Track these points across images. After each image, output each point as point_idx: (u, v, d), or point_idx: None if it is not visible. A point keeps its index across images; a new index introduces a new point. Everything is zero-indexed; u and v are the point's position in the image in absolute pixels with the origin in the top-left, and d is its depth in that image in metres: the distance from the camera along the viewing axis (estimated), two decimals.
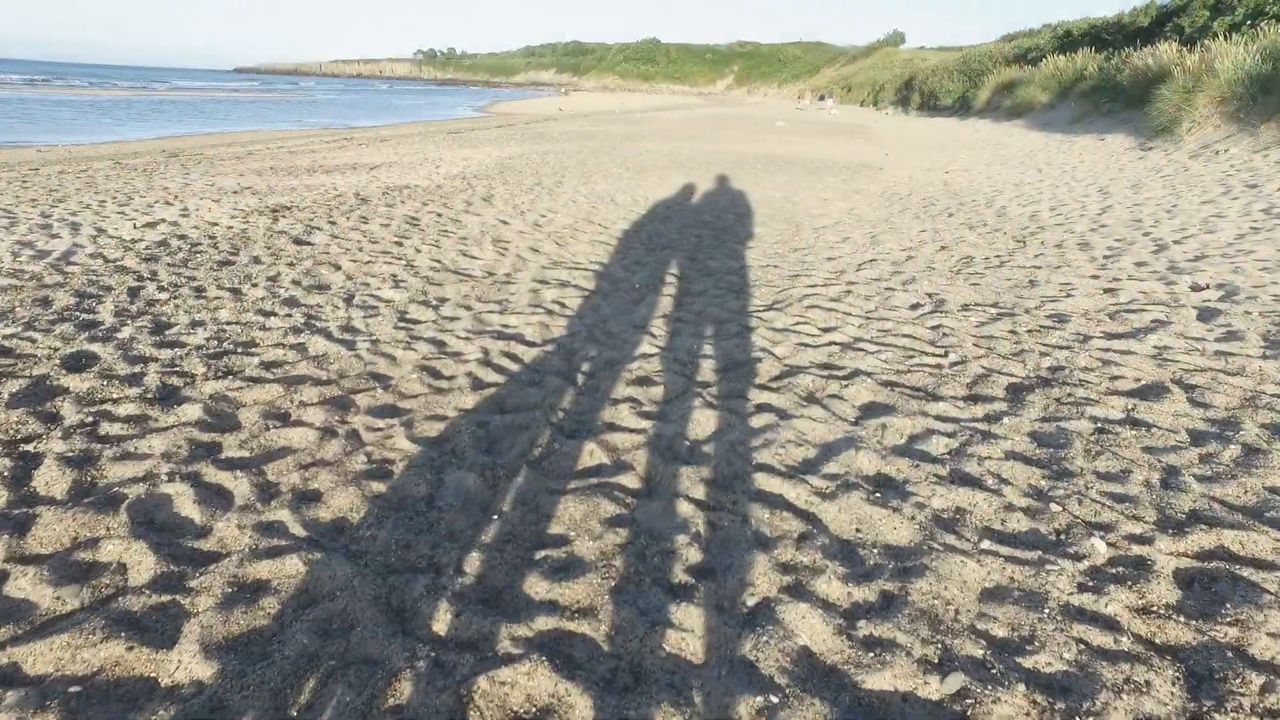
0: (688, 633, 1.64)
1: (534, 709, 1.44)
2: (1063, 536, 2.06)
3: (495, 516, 2.09)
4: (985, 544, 2.01)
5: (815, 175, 11.15)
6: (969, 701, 1.48)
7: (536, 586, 1.80)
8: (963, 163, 13.45)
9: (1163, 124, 14.02)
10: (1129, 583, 1.85)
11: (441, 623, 1.66)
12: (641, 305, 4.12)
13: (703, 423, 2.68)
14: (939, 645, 1.63)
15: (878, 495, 2.24)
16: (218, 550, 1.92)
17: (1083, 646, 1.63)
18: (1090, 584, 1.85)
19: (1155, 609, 1.75)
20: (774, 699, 1.48)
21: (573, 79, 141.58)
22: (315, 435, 2.55)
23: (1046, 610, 1.75)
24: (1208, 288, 4.84)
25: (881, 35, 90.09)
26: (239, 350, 3.36)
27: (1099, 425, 2.76)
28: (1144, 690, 1.51)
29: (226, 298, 4.18)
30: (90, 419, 2.61)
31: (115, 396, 2.82)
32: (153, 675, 1.51)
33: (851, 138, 20.85)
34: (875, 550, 1.99)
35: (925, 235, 6.47)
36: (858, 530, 2.07)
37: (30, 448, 2.40)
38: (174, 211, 6.85)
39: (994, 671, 1.56)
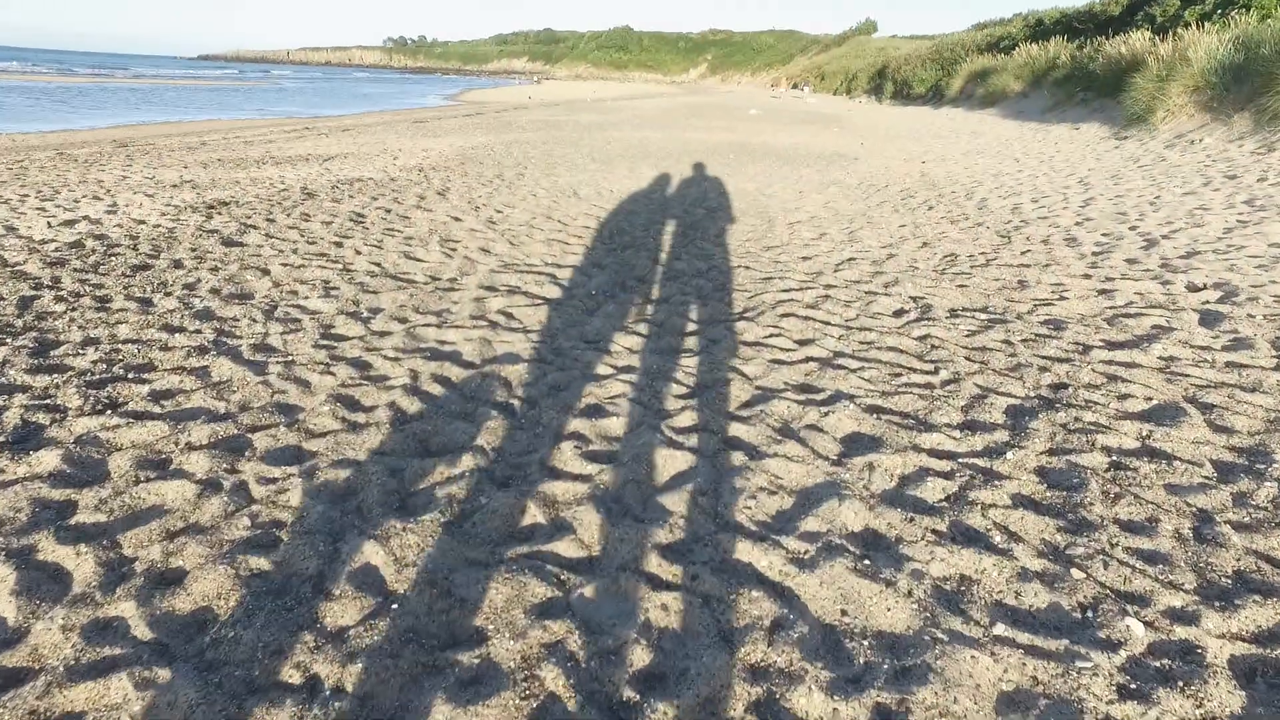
0: None
1: None
2: (1090, 614, 1.70)
3: (396, 605, 1.67)
4: (999, 628, 1.64)
5: (790, 166, 10.78)
6: None
7: (436, 713, 1.39)
8: (939, 152, 13.17)
9: (1137, 113, 13.87)
10: (1178, 682, 1.49)
11: None
12: (598, 315, 3.70)
13: (661, 466, 2.28)
14: None
15: (866, 561, 1.86)
16: (26, 665, 1.49)
17: None
18: (1131, 685, 1.49)
19: None
20: None
21: (545, 67, 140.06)
22: (194, 491, 2.11)
23: None
24: (1205, 288, 4.54)
25: (854, 24, 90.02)
26: (129, 376, 2.89)
27: (1113, 458, 2.41)
28: None
29: (132, 310, 3.70)
30: None
31: None
32: None
33: (826, 127, 20.53)
34: (866, 642, 1.60)
35: (905, 231, 6.12)
36: (843, 612, 1.69)
37: None
38: (100, 208, 6.30)
39: None
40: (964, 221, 6.62)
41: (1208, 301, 4.25)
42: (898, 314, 3.89)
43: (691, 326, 3.58)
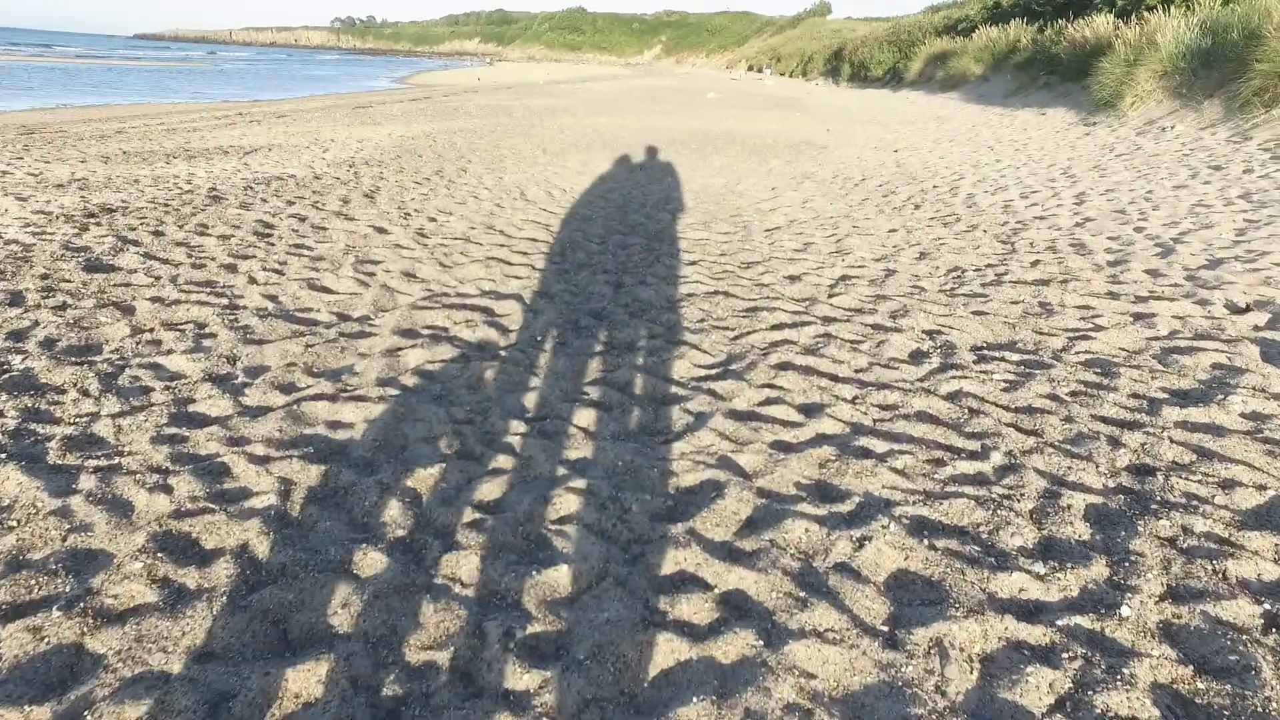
0: None
1: None
2: None
3: None
4: None
5: (758, 156, 10.03)
6: None
7: None
8: (909, 139, 12.58)
9: (1104, 98, 13.50)
10: None
11: None
12: (543, 374, 2.89)
13: (632, 665, 1.51)
14: None
15: None
16: None
17: None
18: None
19: None
20: None
21: (498, 49, 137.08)
22: None
23: None
24: (1249, 309, 3.93)
25: (808, 5, 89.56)
26: None
27: (1264, 605, 1.72)
28: None
29: None
30: None
31: None
32: None
33: (788, 111, 19.85)
34: None
35: (898, 238, 5.42)
36: None
37: None
38: None
39: None
40: (956, 224, 5.96)
41: (1259, 328, 3.63)
42: (916, 358, 3.16)
43: (663, 389, 2.80)
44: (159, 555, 1.80)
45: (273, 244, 4.74)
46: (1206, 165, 8.46)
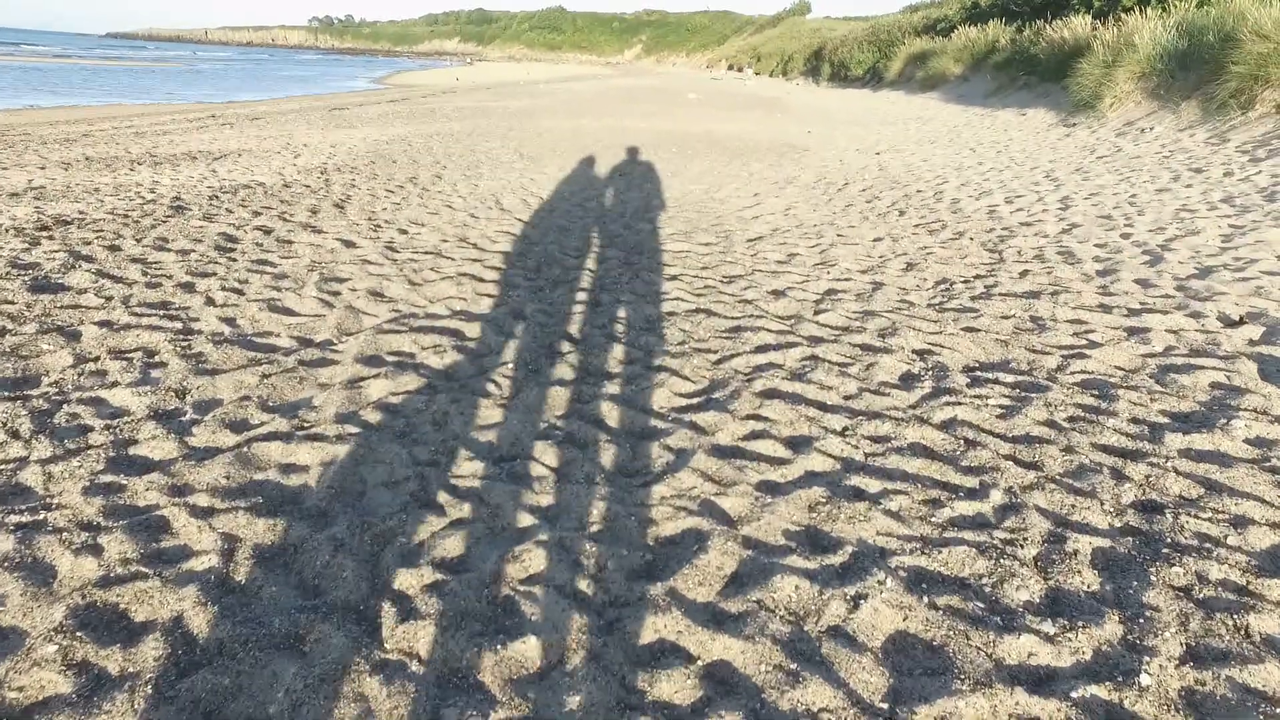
0: None
1: None
2: None
3: None
4: None
5: (739, 160, 9.90)
6: None
7: None
8: (890, 140, 12.51)
9: (1084, 99, 13.54)
10: None
11: None
12: (513, 407, 2.72)
13: None
14: None
15: None
16: None
17: None
18: None
19: None
20: None
21: (478, 48, 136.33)
22: None
23: None
24: (1242, 321, 3.85)
25: (788, 5, 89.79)
26: None
27: None
28: None
29: None
30: None
31: None
32: None
33: (769, 112, 19.77)
34: None
35: (884, 247, 5.30)
36: None
37: None
38: None
39: None
40: (942, 231, 5.85)
41: (1254, 342, 3.55)
42: (907, 382, 3.02)
43: (642, 422, 2.63)
44: (79, 634, 1.61)
45: (235, 260, 4.52)
46: (1187, 168, 8.45)
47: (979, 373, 3.18)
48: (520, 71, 57.05)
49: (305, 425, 2.52)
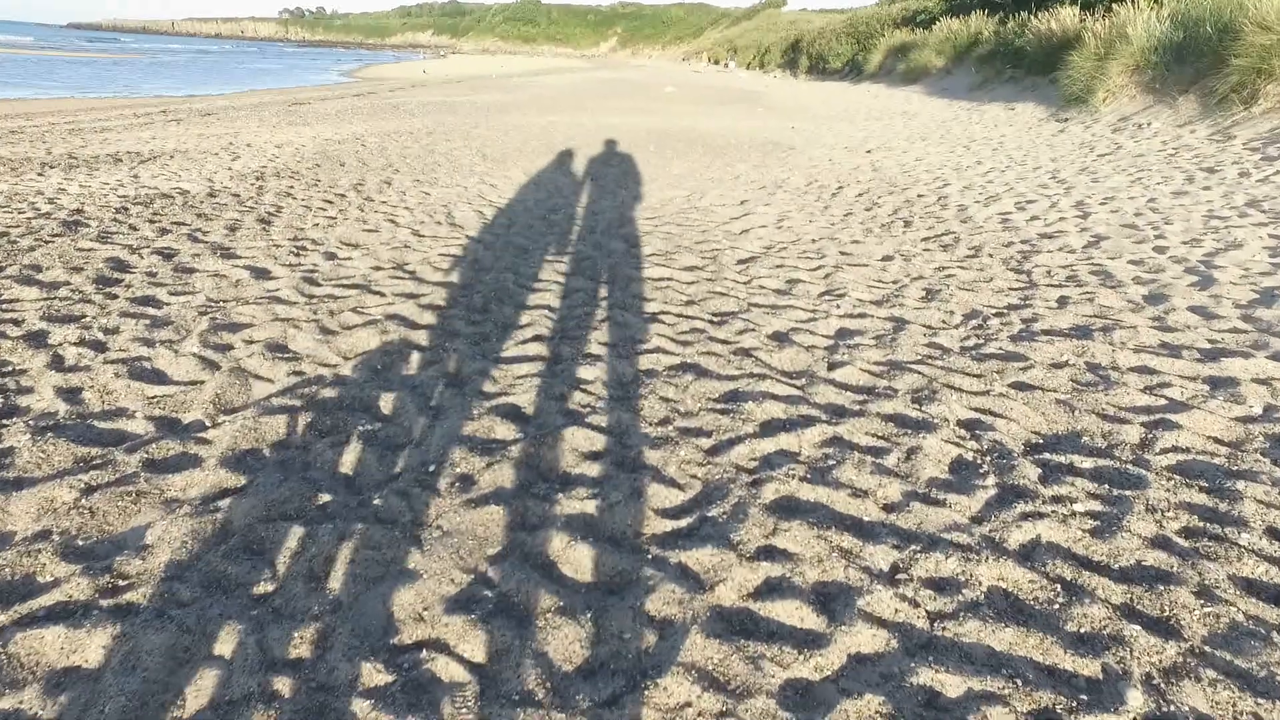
0: None
1: None
2: None
3: None
4: None
5: (722, 160, 9.14)
6: None
7: None
8: (880, 137, 11.82)
9: (1075, 93, 12.99)
10: None
11: None
12: (428, 544, 1.93)
13: None
14: None
15: None
16: None
17: None
18: None
19: None
20: None
21: (452, 40, 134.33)
22: None
23: None
24: None
25: None
26: None
27: None
28: None
29: None
30: None
31: None
32: None
33: (750, 106, 19.03)
34: None
35: (895, 268, 4.56)
36: None
37: None
38: None
39: None
40: (957, 247, 5.13)
41: None
42: (963, 478, 2.28)
43: (609, 566, 1.85)
44: None
45: (114, 297, 3.67)
46: (1198, 168, 7.86)
47: (1048, 454, 2.45)
48: (494, 64, 55.79)
49: (115, 586, 1.71)
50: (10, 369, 2.82)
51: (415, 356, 3.01)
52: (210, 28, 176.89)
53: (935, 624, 1.69)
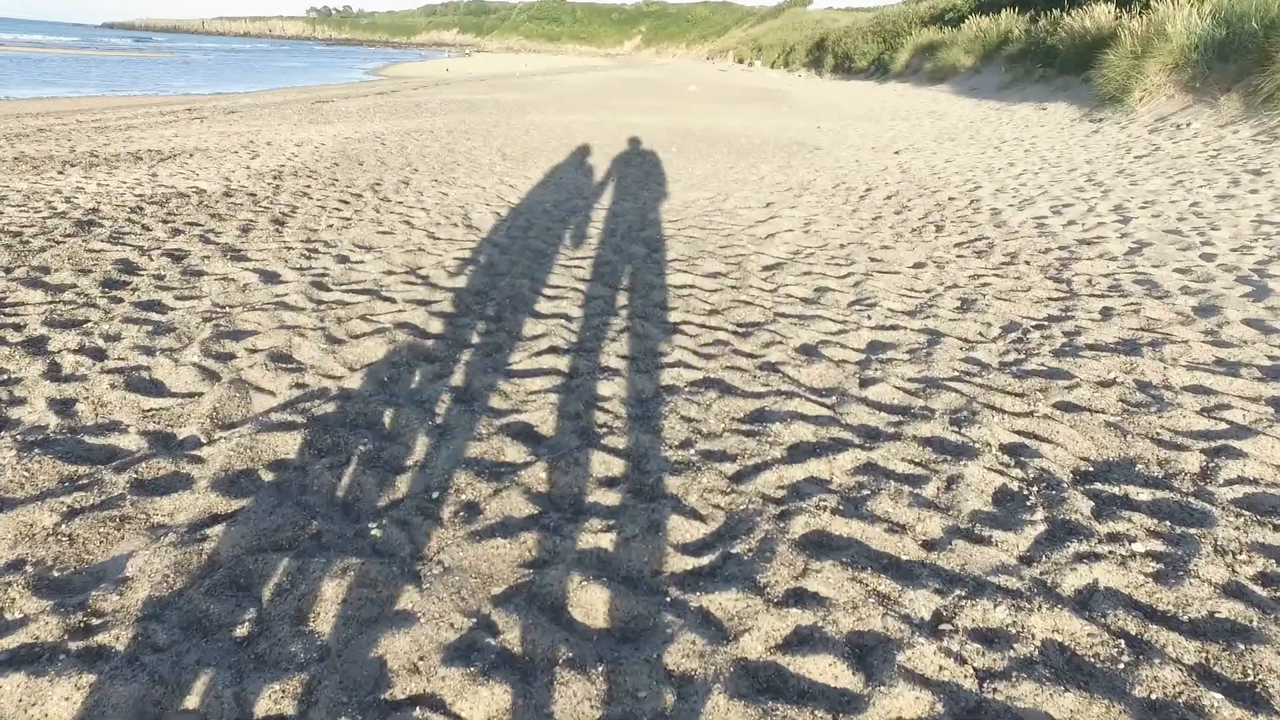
0: None
1: None
2: None
3: None
4: None
5: (746, 161, 8.94)
6: None
7: None
8: (906, 137, 11.54)
9: (1110, 93, 12.60)
10: None
11: None
12: (427, 583, 1.78)
13: None
14: None
15: None
16: None
17: None
18: None
19: None
20: None
21: (476, 39, 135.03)
22: None
23: None
24: None
25: None
26: None
27: None
28: None
29: None
30: None
31: None
32: None
33: (774, 105, 18.77)
34: None
35: (928, 276, 4.36)
36: None
37: None
38: None
39: None
40: (991, 253, 4.91)
41: None
42: (1009, 512, 2.09)
43: (624, 610, 1.69)
44: None
45: (118, 301, 3.58)
46: (1243, 170, 7.53)
47: (1100, 484, 2.25)
48: (517, 63, 55.86)
49: (89, 628, 1.58)
50: (5, 377, 2.72)
51: (422, 369, 2.87)
52: (239, 26, 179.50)
53: (984, 684, 1.51)
